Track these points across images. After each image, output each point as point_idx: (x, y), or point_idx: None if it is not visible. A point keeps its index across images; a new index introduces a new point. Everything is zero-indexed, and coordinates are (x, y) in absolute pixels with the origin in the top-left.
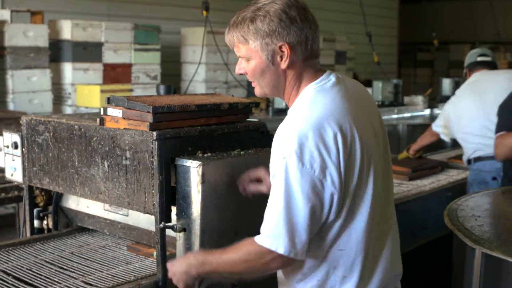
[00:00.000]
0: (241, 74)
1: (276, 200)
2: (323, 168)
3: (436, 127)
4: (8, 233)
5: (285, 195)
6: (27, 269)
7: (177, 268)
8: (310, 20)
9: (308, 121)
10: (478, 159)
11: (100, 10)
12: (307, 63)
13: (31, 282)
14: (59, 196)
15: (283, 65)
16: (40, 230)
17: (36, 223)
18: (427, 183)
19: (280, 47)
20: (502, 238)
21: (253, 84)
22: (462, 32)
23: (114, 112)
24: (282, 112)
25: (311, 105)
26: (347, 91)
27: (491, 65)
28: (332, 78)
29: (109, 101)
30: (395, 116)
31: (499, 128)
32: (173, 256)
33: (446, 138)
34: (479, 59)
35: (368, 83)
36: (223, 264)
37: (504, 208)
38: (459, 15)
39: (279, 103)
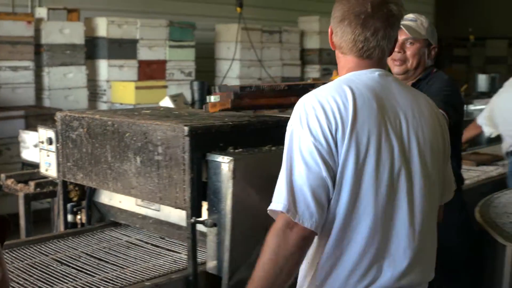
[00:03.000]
0: None
1: (282, 167)
2: (321, 137)
3: (481, 119)
4: (44, 228)
5: (288, 159)
6: (74, 258)
7: None
8: (351, 12)
9: (317, 93)
10: None
11: (135, 7)
12: (350, 60)
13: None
14: (93, 191)
15: (330, 42)
16: (74, 224)
17: (69, 217)
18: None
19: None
20: None
21: None
22: (500, 27)
23: (212, 98)
24: None
25: (328, 83)
26: (382, 85)
27: None
28: (375, 73)
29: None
30: None
31: None
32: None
33: (488, 131)
34: None
35: None
36: (259, 273)
37: None
38: (496, 9)
39: None
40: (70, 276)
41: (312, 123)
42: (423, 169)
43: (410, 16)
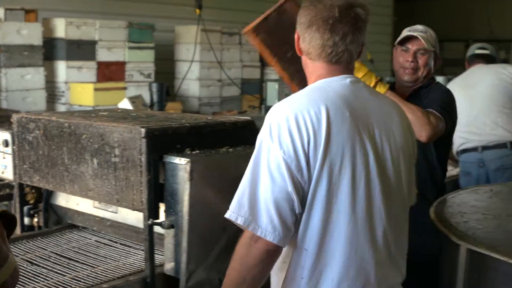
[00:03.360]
0: None
1: (245, 175)
2: (291, 152)
3: None
4: None
5: (253, 170)
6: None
7: None
8: (320, 19)
9: (290, 104)
10: (464, 151)
11: (94, 8)
12: (319, 66)
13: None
14: (49, 193)
15: (297, 48)
16: (31, 227)
17: (26, 220)
18: None
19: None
20: (487, 235)
21: None
22: (457, 30)
23: None
24: None
25: (300, 92)
26: (353, 92)
27: (489, 59)
28: (346, 79)
29: None
30: None
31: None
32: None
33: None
34: (477, 51)
35: None
36: (226, 279)
37: (490, 205)
38: (453, 13)
39: (271, 101)
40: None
41: (283, 136)
42: (396, 176)
43: (419, 27)
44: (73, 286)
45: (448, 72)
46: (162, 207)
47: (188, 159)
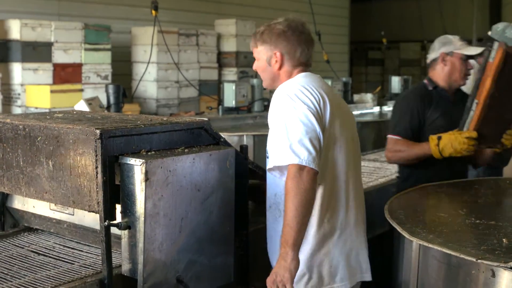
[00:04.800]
0: (255, 70)
1: (275, 134)
2: (312, 106)
3: None
4: None
5: (283, 126)
6: None
7: (281, 274)
8: (302, 39)
9: (297, 82)
10: None
11: (50, 9)
12: (298, 69)
13: None
14: (5, 196)
15: (275, 66)
16: None
17: None
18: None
19: (275, 54)
20: (435, 231)
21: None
22: (412, 31)
23: None
24: (232, 111)
25: (298, 77)
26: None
27: None
28: (310, 75)
29: None
30: None
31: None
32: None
33: None
34: None
35: None
36: (291, 217)
37: (436, 204)
38: (408, 14)
39: (228, 102)
40: None
41: (303, 97)
42: (356, 140)
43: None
44: None
45: (404, 72)
46: (118, 208)
47: (143, 160)
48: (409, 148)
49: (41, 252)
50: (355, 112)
